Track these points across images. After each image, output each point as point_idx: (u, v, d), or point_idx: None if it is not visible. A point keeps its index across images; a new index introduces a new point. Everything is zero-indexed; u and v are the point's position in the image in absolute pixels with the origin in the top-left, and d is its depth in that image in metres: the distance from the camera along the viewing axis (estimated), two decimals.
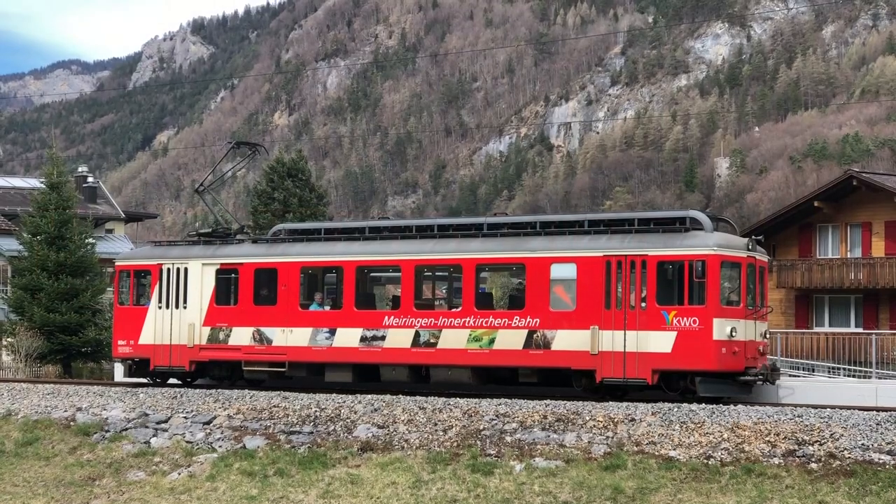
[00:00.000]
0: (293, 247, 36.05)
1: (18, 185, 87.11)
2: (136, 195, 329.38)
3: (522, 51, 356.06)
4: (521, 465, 24.27)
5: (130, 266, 38.64)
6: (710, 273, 29.42)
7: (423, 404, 28.46)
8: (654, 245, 30.18)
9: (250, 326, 35.61)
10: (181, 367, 36.88)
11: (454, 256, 33.08)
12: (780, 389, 33.04)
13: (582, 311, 30.66)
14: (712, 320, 29.33)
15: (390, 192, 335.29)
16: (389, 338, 33.37)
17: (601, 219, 32.40)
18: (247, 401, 30.60)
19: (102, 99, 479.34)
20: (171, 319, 37.04)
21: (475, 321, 32.18)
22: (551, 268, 31.32)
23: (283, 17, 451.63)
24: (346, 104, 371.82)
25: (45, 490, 27.33)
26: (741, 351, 29.93)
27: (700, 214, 31.38)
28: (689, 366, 29.63)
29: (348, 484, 24.76)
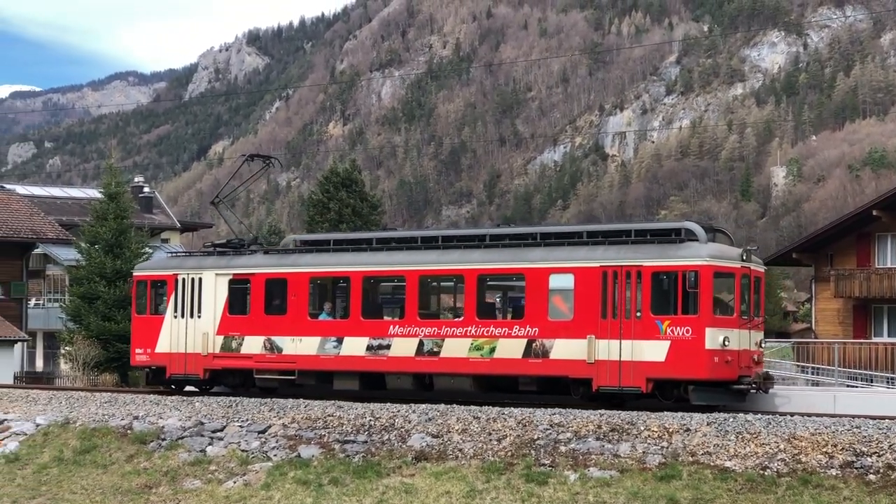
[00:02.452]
0: (303, 257, 36.79)
1: (76, 196, 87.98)
2: (192, 205, 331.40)
3: (577, 60, 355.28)
4: (576, 474, 24.19)
5: (147, 276, 39.58)
6: (703, 283, 29.81)
7: (477, 414, 28.42)
8: (648, 256, 30.65)
9: (261, 335, 36.41)
10: (196, 375, 37.79)
11: (457, 267, 33.65)
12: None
13: (579, 321, 31.15)
14: (705, 330, 29.78)
15: (444, 202, 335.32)
16: (394, 347, 34.00)
17: (599, 230, 33.00)
18: (301, 410, 30.69)
19: (159, 110, 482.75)
20: (185, 328, 37.88)
21: (476, 330, 32.77)
22: (550, 278, 31.90)
23: (337, 27, 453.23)
24: (401, 114, 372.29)
25: (103, 497, 27.53)
26: (734, 360, 30.30)
27: (694, 226, 31.79)
28: (682, 374, 30.06)
29: (402, 493, 24.77)
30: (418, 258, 34.45)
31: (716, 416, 27.05)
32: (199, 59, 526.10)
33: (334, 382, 35.52)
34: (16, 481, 29.53)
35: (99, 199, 59.01)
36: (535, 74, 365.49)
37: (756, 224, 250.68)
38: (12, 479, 29.67)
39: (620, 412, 28.20)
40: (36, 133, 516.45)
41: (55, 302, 73.55)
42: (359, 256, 35.57)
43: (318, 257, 36.50)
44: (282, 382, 36.55)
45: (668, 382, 30.38)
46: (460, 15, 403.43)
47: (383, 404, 30.99)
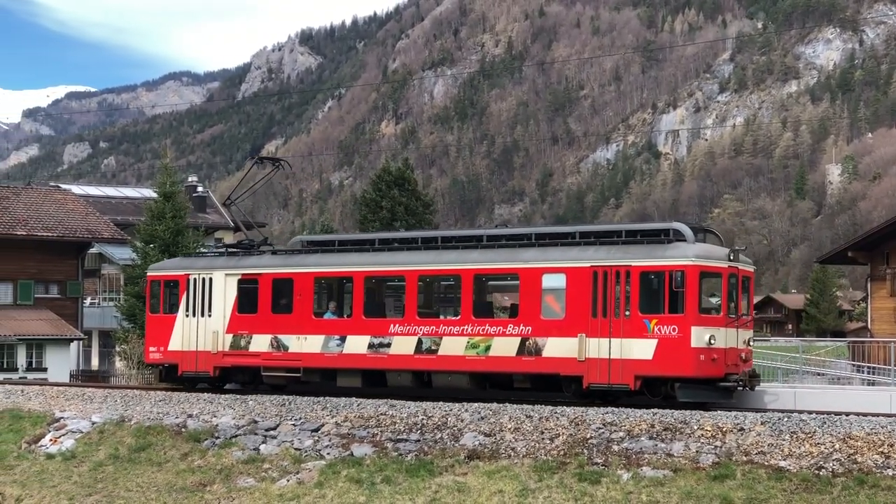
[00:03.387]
0: (308, 258, 37.41)
1: (131, 195, 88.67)
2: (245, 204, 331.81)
3: (630, 58, 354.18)
4: (629, 474, 24.11)
5: (161, 276, 40.21)
6: (689, 283, 30.22)
7: (529, 412, 28.38)
8: (637, 256, 31.04)
9: (269, 334, 37.09)
10: (206, 373, 38.49)
11: (454, 267, 34.16)
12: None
13: (570, 320, 31.58)
14: (690, 328, 30.13)
15: (497, 201, 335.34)
16: (395, 345, 34.53)
17: (591, 230, 33.51)
18: (354, 409, 30.76)
19: (212, 109, 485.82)
20: (197, 327, 38.59)
21: (473, 329, 33.27)
22: (543, 278, 32.33)
23: (390, 26, 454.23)
24: (453, 113, 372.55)
25: (158, 495, 27.72)
26: (721, 358, 30.61)
27: (682, 226, 32.05)
28: (668, 372, 30.44)
29: (455, 492, 24.78)
30: (418, 258, 34.99)
31: (770, 415, 26.88)
32: (252, 58, 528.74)
33: (338, 380, 36.07)
34: (72, 479, 29.79)
35: (153, 198, 59.44)
36: (588, 72, 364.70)
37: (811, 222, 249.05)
38: (69, 477, 29.94)
39: (674, 411, 28.09)
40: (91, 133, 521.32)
41: (110, 301, 74.15)
42: (361, 257, 36.21)
43: (323, 258, 37.13)
44: (288, 380, 37.18)
45: (656, 380, 30.79)
46: (512, 13, 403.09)
47: (435, 403, 31.00)
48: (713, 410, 29.09)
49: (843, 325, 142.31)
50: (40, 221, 66.52)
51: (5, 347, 60.96)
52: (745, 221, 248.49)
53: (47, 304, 65.26)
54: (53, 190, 74.77)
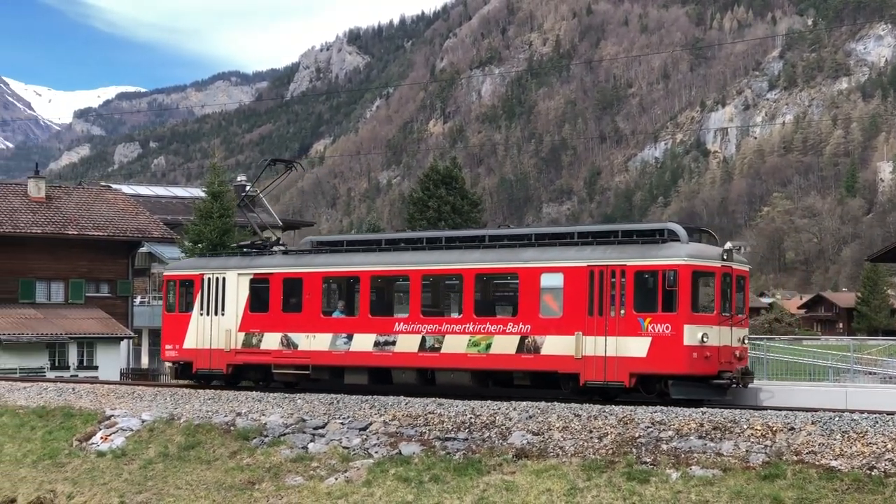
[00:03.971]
0: (317, 258, 38.08)
1: (180, 195, 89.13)
2: (294, 203, 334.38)
3: (678, 56, 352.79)
4: (678, 473, 23.99)
5: (176, 276, 40.98)
6: (682, 282, 30.62)
7: (577, 411, 28.30)
8: (632, 256, 31.49)
9: (279, 332, 37.73)
10: (219, 370, 39.15)
11: (456, 266, 34.78)
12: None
13: (568, 318, 32.09)
14: (683, 326, 30.56)
15: (545, 199, 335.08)
16: (399, 343, 35.15)
17: (589, 231, 34.11)
18: (402, 407, 30.76)
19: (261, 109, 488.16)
20: (210, 325, 39.34)
21: (474, 327, 33.86)
22: (541, 277, 32.84)
23: (437, 25, 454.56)
24: (501, 111, 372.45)
25: (207, 493, 27.83)
26: (714, 355, 31.00)
27: (677, 227, 32.44)
28: (662, 369, 30.86)
29: (503, 491, 24.74)
30: (422, 258, 35.58)
31: (820, 415, 26.67)
32: (301, 58, 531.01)
33: (345, 377, 36.75)
34: (122, 476, 29.96)
35: (203, 198, 59.72)
36: (636, 71, 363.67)
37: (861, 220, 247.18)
38: (119, 475, 30.12)
39: (723, 410, 27.93)
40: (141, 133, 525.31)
41: (160, 300, 74.57)
42: (368, 257, 36.82)
43: (331, 258, 37.77)
44: (297, 377, 37.98)
45: (650, 377, 31.24)
46: (560, 12, 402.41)
47: (483, 402, 30.99)
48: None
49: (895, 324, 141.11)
50: (91, 221, 67.04)
51: (57, 346, 61.49)
52: (795, 219, 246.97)
53: (98, 303, 65.77)
54: (104, 190, 75.32)
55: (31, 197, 67.70)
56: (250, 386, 39.12)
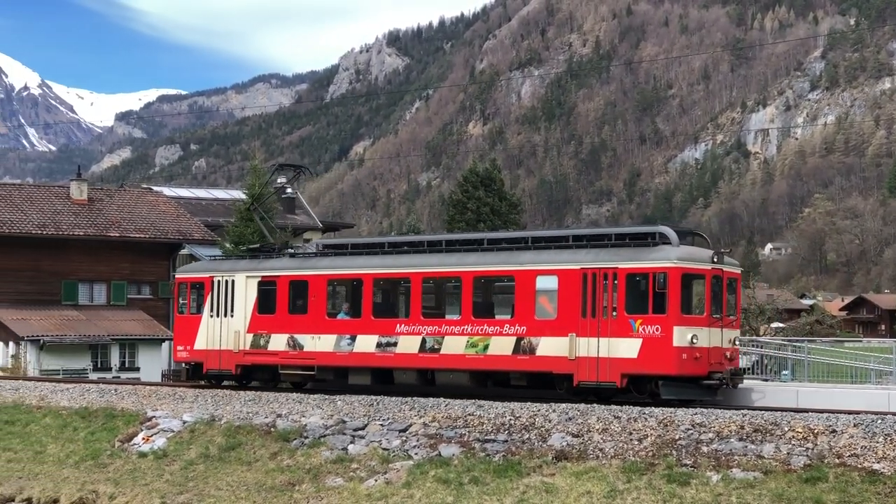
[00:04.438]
0: (322, 261, 39.02)
1: (221, 197, 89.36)
2: (333, 205, 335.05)
3: (718, 56, 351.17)
4: (718, 475, 23.91)
5: (188, 279, 41.92)
6: (671, 284, 31.16)
7: (617, 413, 28.25)
8: (623, 258, 32.11)
9: (286, 333, 38.69)
10: (228, 371, 40.18)
11: (455, 269, 35.61)
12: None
13: (562, 320, 32.75)
14: (673, 328, 31.10)
15: (584, 201, 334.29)
16: (401, 344, 36.02)
17: (583, 234, 34.85)
18: (442, 409, 30.79)
19: (300, 111, 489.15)
20: (220, 327, 40.29)
21: (472, 329, 34.64)
22: (536, 279, 33.59)
23: (477, 27, 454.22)
24: (540, 113, 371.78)
25: (248, 494, 27.95)
26: (703, 356, 31.54)
27: (667, 230, 32.96)
28: (652, 370, 31.42)
29: (543, 492, 24.73)
30: (422, 261, 36.43)
31: (862, 417, 26.51)
32: (340, 60, 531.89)
33: (349, 377, 37.71)
34: (164, 477, 30.14)
35: (242, 200, 59.94)
36: (676, 71, 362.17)
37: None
38: (160, 475, 30.30)
39: (764, 412, 27.83)
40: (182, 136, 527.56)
41: None
42: (371, 260, 37.77)
43: (336, 260, 38.68)
44: (304, 378, 39.20)
45: (641, 378, 31.78)
46: (600, 12, 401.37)
47: (523, 403, 31.00)
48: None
49: None
50: (133, 223, 67.43)
51: (99, 347, 61.86)
52: (837, 221, 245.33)
53: (140, 305, 66.16)
54: (145, 192, 75.75)
55: (74, 199, 68.17)
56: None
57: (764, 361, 46.33)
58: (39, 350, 60.51)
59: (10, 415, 37.68)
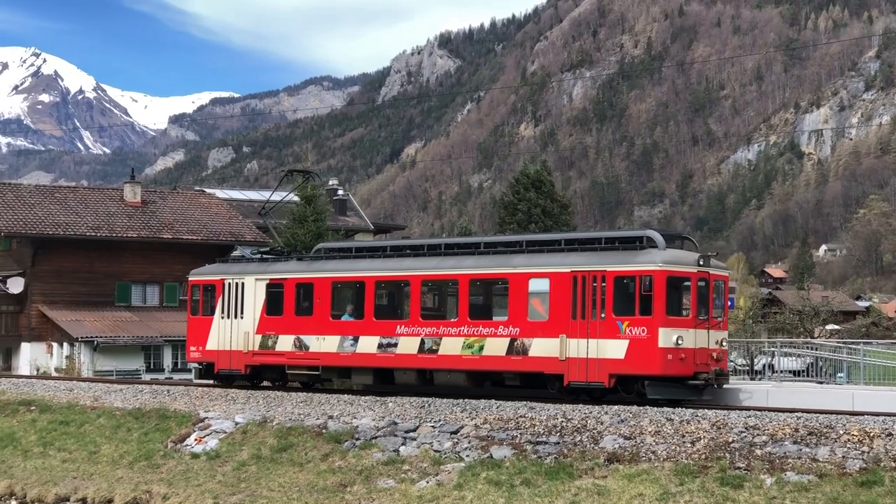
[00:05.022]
0: (327, 263, 40.15)
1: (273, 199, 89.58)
2: (385, 207, 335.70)
3: (772, 57, 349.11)
4: (772, 478, 23.72)
5: (200, 281, 43.11)
6: (657, 287, 31.90)
7: (670, 415, 28.12)
8: (612, 261, 32.90)
9: (292, 334, 39.77)
10: (238, 371, 41.32)
11: (452, 272, 36.58)
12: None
13: (553, 321, 33.60)
14: (658, 329, 31.85)
15: (636, 202, 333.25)
16: (401, 345, 37.04)
17: (575, 238, 35.89)
18: (493, 411, 30.76)
19: (352, 113, 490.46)
20: (230, 328, 41.45)
21: (468, 330, 35.58)
22: (529, 282, 34.45)
23: (528, 28, 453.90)
24: (592, 114, 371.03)
25: (300, 495, 28.01)
26: (689, 357, 32.26)
27: (655, 234, 33.72)
28: (639, 370, 32.20)
29: (595, 495, 24.63)
30: (421, 264, 37.52)
31: None
32: (392, 62, 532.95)
33: (352, 377, 39.45)
34: (216, 478, 30.25)
35: (294, 202, 60.13)
36: (729, 72, 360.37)
37: None
38: (213, 476, 30.41)
39: (818, 415, 27.60)
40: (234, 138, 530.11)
41: None
42: (373, 263, 38.89)
43: (340, 263, 39.85)
44: (309, 377, 40.46)
45: (628, 378, 32.54)
46: (652, 13, 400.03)
47: (575, 406, 30.92)
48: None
49: None
50: (186, 225, 67.84)
51: (152, 348, 62.30)
52: (892, 222, 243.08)
53: None
54: (198, 194, 76.21)
55: (128, 201, 68.72)
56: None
57: (819, 364, 45.98)
58: (93, 351, 61.02)
59: (64, 415, 37.98)
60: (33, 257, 64.70)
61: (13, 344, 65.97)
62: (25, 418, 38.74)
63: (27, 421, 38.44)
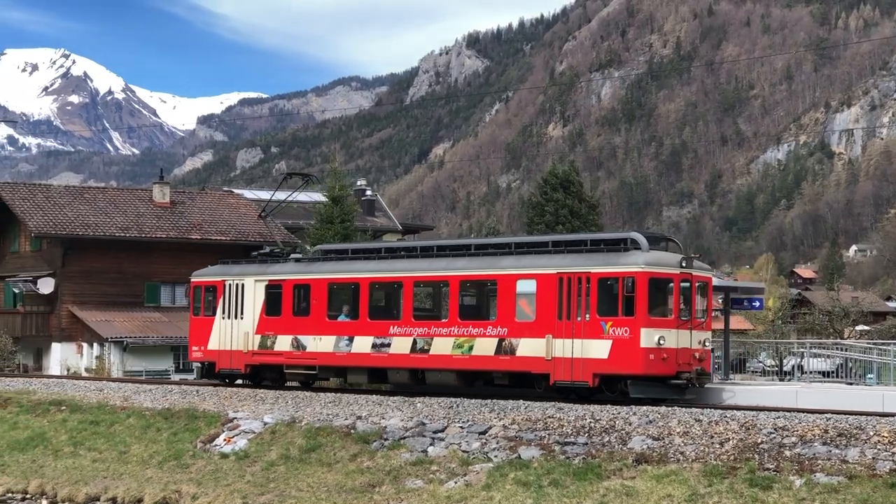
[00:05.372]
0: (324, 265, 41.01)
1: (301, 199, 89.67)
2: (413, 207, 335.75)
3: (802, 56, 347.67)
4: (801, 480, 23.64)
5: (202, 282, 44.07)
6: (639, 288, 32.58)
7: (698, 416, 28.07)
8: (596, 263, 33.60)
9: (290, 335, 40.66)
10: (238, 370, 42.26)
11: (443, 274, 37.44)
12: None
13: (540, 322, 34.30)
14: (640, 330, 32.50)
15: (665, 203, 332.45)
16: (394, 345, 37.83)
17: (561, 240, 36.60)
18: (522, 411, 30.76)
19: (380, 114, 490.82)
20: (231, 328, 42.34)
21: (458, 330, 36.33)
22: (517, 283, 35.19)
23: (556, 28, 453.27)
24: (621, 114, 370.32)
25: (328, 495, 28.06)
26: (672, 357, 32.91)
27: (638, 236, 34.43)
28: (621, 370, 32.86)
29: (623, 496, 24.59)
30: (414, 266, 38.24)
31: None
32: (420, 62, 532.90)
33: (347, 377, 40.48)
34: (245, 478, 30.34)
35: (323, 202, 60.24)
36: (758, 72, 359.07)
37: None
38: (242, 476, 30.50)
39: (848, 416, 27.49)
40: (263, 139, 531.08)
41: None
42: (368, 264, 39.70)
43: (337, 265, 40.71)
44: (307, 377, 41.40)
45: (612, 377, 33.19)
46: (681, 13, 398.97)
47: (603, 406, 30.89)
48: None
49: None
50: (214, 225, 68.05)
51: (181, 349, 62.42)
52: None
53: None
54: (227, 194, 76.43)
55: (156, 202, 69.01)
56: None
57: (848, 365, 45.79)
58: (123, 351, 61.32)
59: (94, 415, 38.16)
60: (63, 258, 65.06)
61: (44, 344, 66.34)
62: (56, 418, 38.93)
63: (58, 421, 38.63)
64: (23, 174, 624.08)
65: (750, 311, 67.47)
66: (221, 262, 45.45)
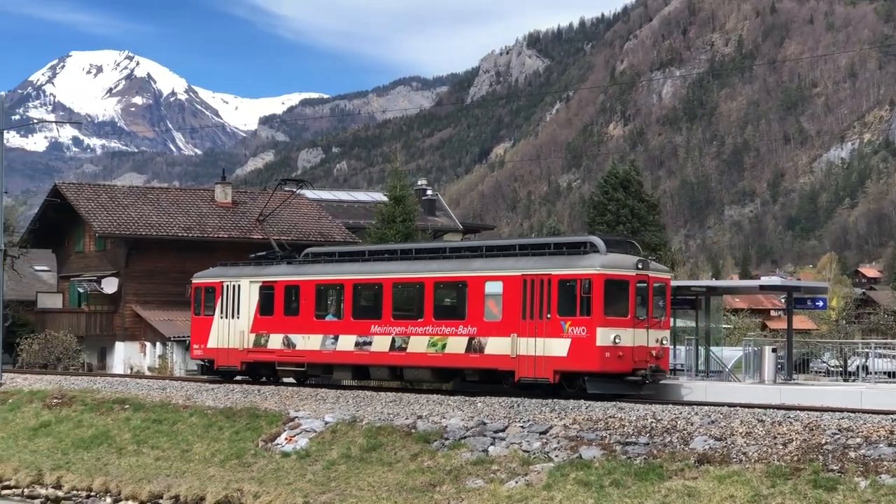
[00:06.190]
0: (312, 267, 43.16)
1: (362, 199, 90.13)
2: (474, 207, 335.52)
3: (866, 54, 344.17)
4: (867, 481, 23.40)
5: (202, 283, 46.29)
6: (595, 289, 34.40)
7: (761, 417, 27.86)
8: (557, 266, 35.51)
9: (281, 333, 42.83)
10: (235, 367, 44.47)
11: (419, 275, 39.33)
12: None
13: (506, 322, 36.21)
14: (596, 329, 34.25)
15: (727, 202, 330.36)
16: (375, 343, 39.97)
17: (528, 244, 38.64)
18: (582, 411, 30.70)
19: (441, 114, 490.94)
20: (228, 327, 44.47)
21: (433, 329, 38.35)
22: (485, 285, 37.14)
23: (617, 27, 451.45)
24: (682, 113, 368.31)
25: (389, 494, 28.11)
26: (627, 355, 34.69)
27: (596, 239, 36.41)
28: (579, 367, 34.66)
29: (685, 496, 24.45)
30: (393, 268, 40.27)
31: None
32: (481, 62, 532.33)
33: (333, 374, 42.28)
34: (306, 477, 30.46)
35: (384, 202, 60.33)
36: (821, 70, 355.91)
37: None
38: (303, 475, 30.62)
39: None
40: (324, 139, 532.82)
41: None
42: (352, 266, 41.70)
43: (324, 267, 42.70)
44: (297, 373, 43.13)
45: (571, 374, 34.93)
46: (743, 11, 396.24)
47: (665, 406, 30.73)
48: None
49: None
50: (276, 225, 68.27)
51: None
52: None
53: None
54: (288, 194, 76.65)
55: (218, 202, 69.42)
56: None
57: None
58: (185, 350, 61.61)
59: (157, 414, 38.49)
60: (127, 258, 65.60)
61: (108, 343, 66.94)
62: (120, 416, 39.31)
63: (121, 419, 39.01)
64: (87, 175, 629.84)
65: (813, 310, 66.97)
66: (220, 264, 47.37)
